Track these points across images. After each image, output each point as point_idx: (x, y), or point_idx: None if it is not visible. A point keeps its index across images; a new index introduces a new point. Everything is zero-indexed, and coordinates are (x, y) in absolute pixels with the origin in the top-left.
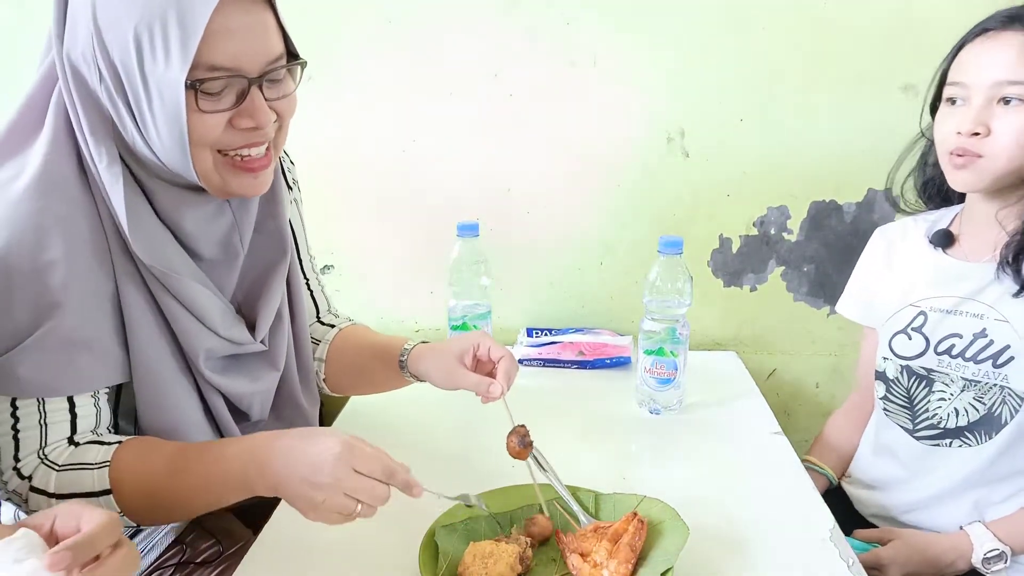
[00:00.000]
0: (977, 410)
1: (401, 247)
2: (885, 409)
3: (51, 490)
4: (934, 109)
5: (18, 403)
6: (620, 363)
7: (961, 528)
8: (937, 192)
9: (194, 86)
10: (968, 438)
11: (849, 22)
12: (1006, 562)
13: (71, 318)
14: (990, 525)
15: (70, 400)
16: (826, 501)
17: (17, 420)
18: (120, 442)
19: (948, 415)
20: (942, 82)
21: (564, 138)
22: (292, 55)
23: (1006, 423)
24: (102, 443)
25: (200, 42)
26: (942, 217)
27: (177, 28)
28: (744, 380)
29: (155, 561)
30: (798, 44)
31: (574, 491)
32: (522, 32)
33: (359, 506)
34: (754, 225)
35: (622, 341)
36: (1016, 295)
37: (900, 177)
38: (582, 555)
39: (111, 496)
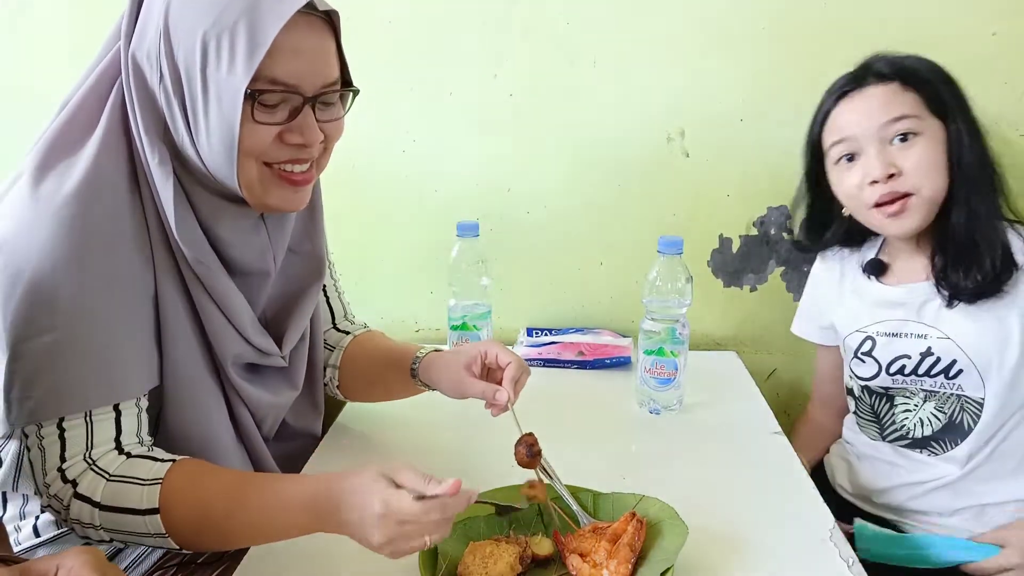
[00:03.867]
0: (939, 419)
1: (401, 247)
2: (857, 422)
3: (97, 499)
4: (813, 177)
5: None
6: (620, 363)
7: None
8: (853, 238)
9: (253, 96)
10: (935, 447)
11: (849, 22)
12: None
13: (111, 323)
14: None
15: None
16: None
17: (62, 419)
18: (173, 460)
19: (915, 425)
20: (818, 150)
21: (564, 138)
22: (346, 82)
23: (970, 430)
24: (154, 459)
25: (266, 56)
26: (870, 246)
27: (246, 39)
28: (744, 380)
29: (157, 561)
30: (798, 44)
31: (574, 491)
32: (522, 32)
33: (427, 539)
34: (754, 225)
35: (622, 341)
36: (949, 306)
37: (807, 237)
38: (581, 555)
39: (157, 516)
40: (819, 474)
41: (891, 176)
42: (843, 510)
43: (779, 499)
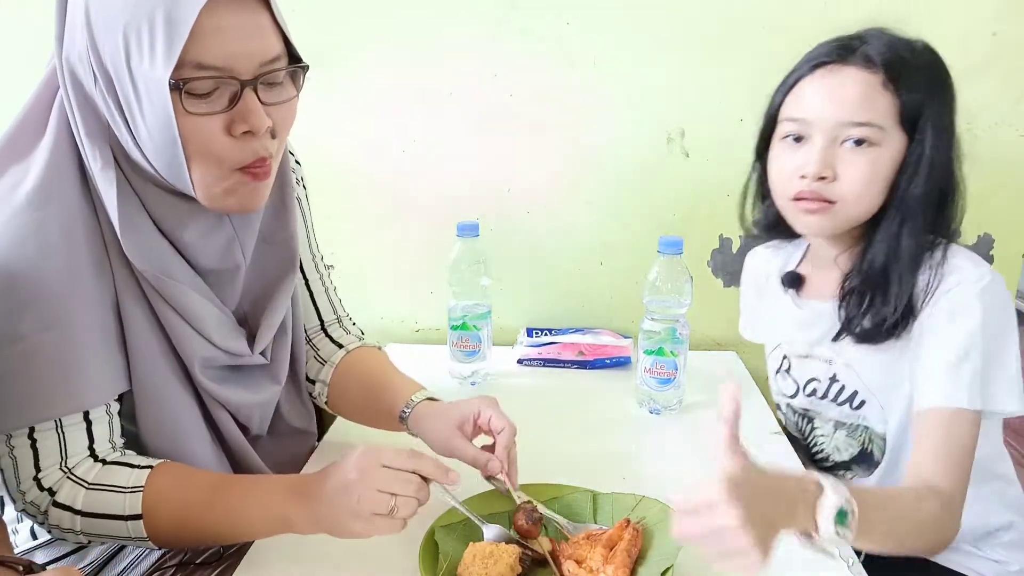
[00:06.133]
0: (852, 447)
1: (401, 247)
2: (789, 439)
3: (78, 507)
4: (764, 143)
5: None
6: (620, 363)
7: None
8: (783, 228)
9: (178, 86)
10: (855, 471)
11: (849, 22)
12: (845, 523)
13: (75, 330)
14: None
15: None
16: None
17: (33, 430)
18: (151, 467)
19: (833, 451)
20: (774, 116)
21: (564, 138)
22: (294, 59)
23: (878, 463)
24: (132, 466)
25: (187, 41)
26: (795, 252)
27: (164, 27)
28: (744, 380)
29: (156, 562)
30: (798, 44)
31: (573, 491)
32: (522, 33)
33: (394, 500)
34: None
35: (622, 341)
36: (835, 339)
37: (748, 213)
38: (577, 562)
39: (140, 521)
40: None
41: (823, 178)
42: None
43: None
